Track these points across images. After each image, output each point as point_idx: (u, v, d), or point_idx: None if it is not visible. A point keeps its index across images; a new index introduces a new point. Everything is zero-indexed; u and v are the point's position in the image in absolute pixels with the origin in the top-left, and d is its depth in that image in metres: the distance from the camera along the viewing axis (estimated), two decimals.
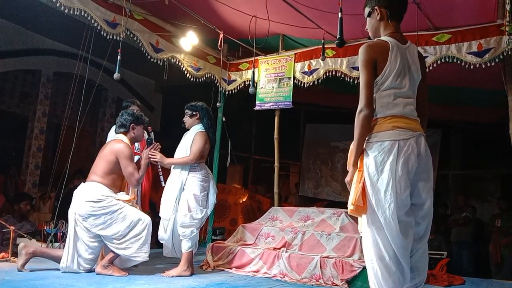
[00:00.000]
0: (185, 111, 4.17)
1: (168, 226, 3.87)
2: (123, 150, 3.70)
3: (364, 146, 2.26)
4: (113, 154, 3.70)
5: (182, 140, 4.11)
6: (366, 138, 2.26)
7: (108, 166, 3.69)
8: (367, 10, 2.46)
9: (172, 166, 4.02)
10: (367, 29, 2.51)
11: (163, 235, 3.91)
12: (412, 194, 2.25)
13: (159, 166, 4.05)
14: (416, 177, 2.24)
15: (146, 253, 3.63)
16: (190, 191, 3.88)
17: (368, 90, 2.24)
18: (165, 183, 4.02)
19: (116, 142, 3.80)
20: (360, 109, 2.24)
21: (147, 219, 3.67)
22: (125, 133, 3.89)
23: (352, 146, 2.29)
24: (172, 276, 3.66)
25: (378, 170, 2.18)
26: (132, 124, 3.90)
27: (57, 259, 3.65)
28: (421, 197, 2.27)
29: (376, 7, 2.40)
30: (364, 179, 2.21)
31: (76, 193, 3.68)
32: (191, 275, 3.77)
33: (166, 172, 4.09)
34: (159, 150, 3.99)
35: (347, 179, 2.29)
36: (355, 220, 3.66)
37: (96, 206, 3.56)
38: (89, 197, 3.58)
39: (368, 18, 2.47)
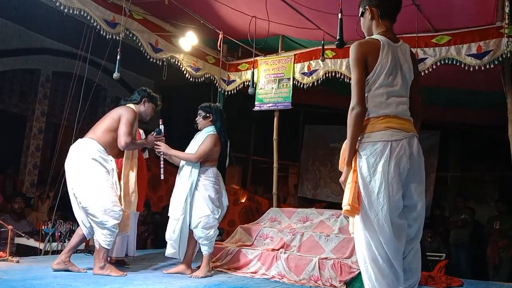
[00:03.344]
0: (199, 112, 4.13)
1: (176, 227, 3.86)
2: (128, 112, 3.75)
3: (357, 146, 2.26)
4: (118, 113, 3.75)
5: (193, 140, 4.09)
6: (359, 138, 2.26)
7: (111, 122, 3.70)
8: (360, 9, 2.50)
9: (181, 165, 4.00)
10: (362, 29, 2.54)
11: (172, 235, 3.88)
12: (404, 196, 2.25)
13: (162, 159, 4.05)
14: (408, 178, 2.25)
15: (108, 241, 3.52)
16: (205, 193, 3.87)
17: (359, 88, 2.25)
18: (164, 176, 4.07)
19: (124, 107, 3.89)
20: (352, 107, 2.24)
21: (115, 217, 3.52)
22: (136, 104, 3.96)
23: (345, 145, 2.30)
24: (200, 277, 3.72)
25: (370, 171, 2.18)
26: (144, 99, 3.99)
27: (81, 239, 3.70)
28: (413, 199, 2.28)
29: (367, 7, 2.44)
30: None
31: (70, 149, 3.66)
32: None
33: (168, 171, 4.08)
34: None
35: (342, 178, 2.29)
36: None
37: (85, 165, 3.53)
38: (81, 152, 3.57)
39: (361, 18, 2.51)
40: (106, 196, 3.50)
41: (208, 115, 4.09)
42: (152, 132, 4.01)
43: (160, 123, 4.13)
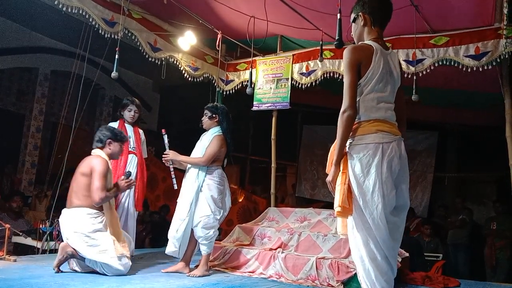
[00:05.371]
0: (205, 112, 4.09)
1: (181, 226, 3.86)
2: (98, 165, 3.63)
3: (348, 149, 2.31)
4: (88, 167, 3.64)
5: (199, 141, 4.07)
6: (350, 141, 2.32)
7: (85, 182, 3.62)
8: (352, 16, 2.56)
9: (187, 168, 4.00)
10: (352, 35, 2.59)
11: (175, 234, 3.88)
12: (396, 196, 2.31)
13: (172, 169, 4.04)
14: (399, 179, 2.33)
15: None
16: (208, 193, 3.87)
17: (352, 92, 2.31)
18: (177, 187, 4.01)
19: (94, 157, 3.75)
20: (344, 109, 2.30)
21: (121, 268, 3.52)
22: (101, 148, 3.82)
23: (334, 147, 2.35)
24: (198, 276, 3.72)
25: (364, 171, 2.24)
26: (108, 140, 3.82)
27: None
28: (405, 199, 2.36)
29: (360, 13, 2.49)
30: (349, 181, 2.26)
31: (62, 222, 3.61)
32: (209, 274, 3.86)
33: (179, 180, 4.07)
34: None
35: (329, 178, 2.34)
36: None
37: (83, 238, 3.51)
38: (78, 227, 3.52)
39: (353, 24, 2.56)
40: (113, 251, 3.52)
41: (214, 115, 4.05)
42: (122, 177, 3.89)
43: (163, 133, 4.08)
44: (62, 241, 3.89)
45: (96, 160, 3.68)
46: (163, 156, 4.02)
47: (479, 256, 7.05)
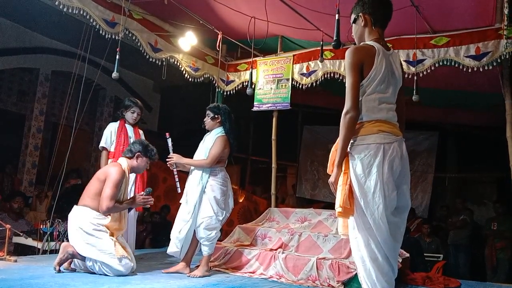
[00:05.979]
0: (207, 113, 4.05)
1: (184, 227, 3.85)
2: (113, 173, 3.61)
3: (349, 149, 2.31)
4: (104, 174, 3.64)
5: (202, 142, 4.04)
6: (351, 141, 2.31)
7: (98, 186, 3.62)
8: (352, 16, 2.55)
9: (191, 170, 3.98)
10: (353, 35, 2.59)
11: (178, 235, 3.87)
12: (397, 196, 2.31)
13: (176, 172, 4.03)
14: (400, 179, 2.33)
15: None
16: (211, 194, 3.86)
17: (354, 92, 2.30)
18: (181, 190, 3.99)
19: (113, 165, 3.74)
20: (346, 110, 2.29)
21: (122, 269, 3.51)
22: (128, 158, 3.80)
23: (335, 148, 2.36)
24: (198, 277, 3.71)
25: (365, 172, 2.24)
26: (138, 153, 3.81)
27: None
28: (406, 199, 2.36)
29: (360, 14, 2.48)
30: (351, 181, 2.26)
31: (69, 217, 3.62)
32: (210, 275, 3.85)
33: (182, 181, 4.07)
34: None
35: (331, 180, 2.35)
36: None
37: (84, 235, 3.52)
38: (80, 224, 3.53)
39: (353, 24, 2.55)
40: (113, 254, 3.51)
41: (216, 116, 4.01)
42: (141, 192, 3.87)
43: (167, 136, 4.05)
44: (63, 241, 3.90)
45: (113, 168, 3.67)
46: (167, 159, 4.01)
47: (479, 256, 7.05)
